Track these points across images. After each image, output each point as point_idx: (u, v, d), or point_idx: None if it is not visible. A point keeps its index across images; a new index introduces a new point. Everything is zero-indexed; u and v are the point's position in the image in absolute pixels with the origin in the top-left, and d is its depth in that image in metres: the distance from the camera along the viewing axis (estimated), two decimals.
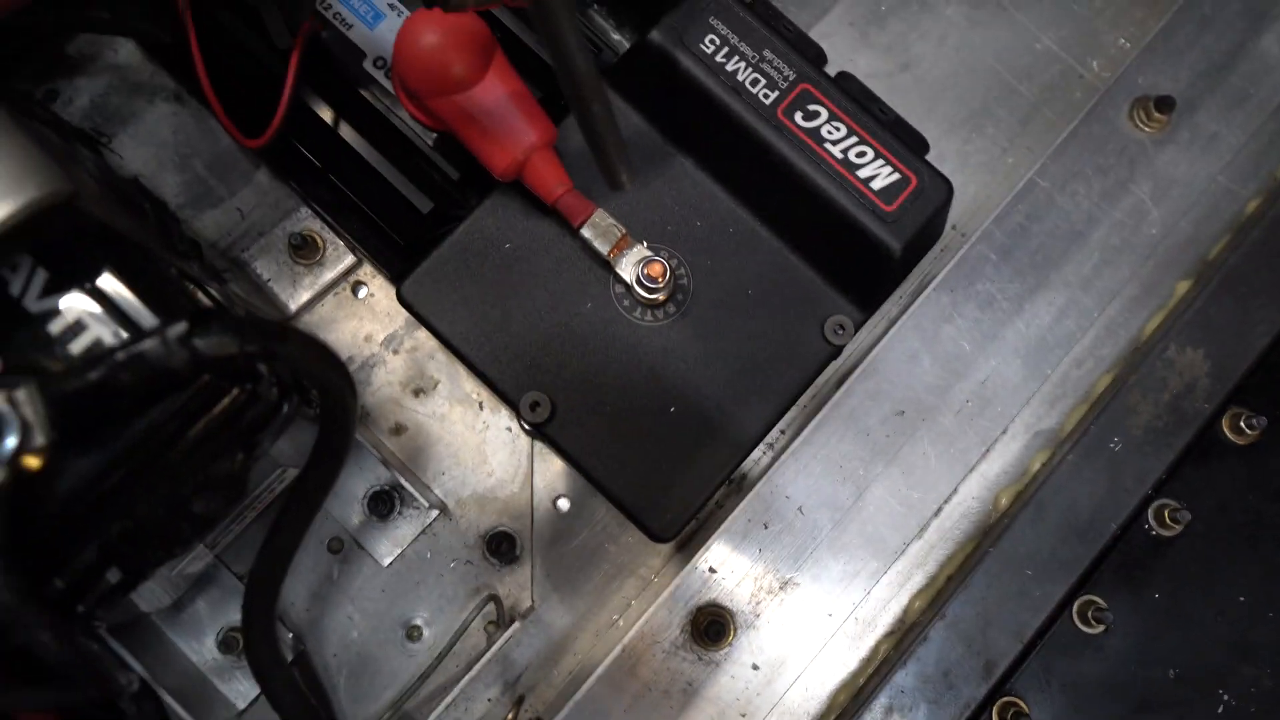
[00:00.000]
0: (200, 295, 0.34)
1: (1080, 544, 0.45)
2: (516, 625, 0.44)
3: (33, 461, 0.27)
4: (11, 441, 0.27)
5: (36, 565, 0.30)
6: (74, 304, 0.30)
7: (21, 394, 0.27)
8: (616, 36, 0.51)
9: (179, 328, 0.28)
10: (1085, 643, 0.45)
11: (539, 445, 0.49)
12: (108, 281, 0.31)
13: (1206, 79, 0.51)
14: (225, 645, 0.46)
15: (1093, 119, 0.50)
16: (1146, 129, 0.50)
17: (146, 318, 0.31)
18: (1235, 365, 0.47)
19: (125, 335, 0.30)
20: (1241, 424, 0.46)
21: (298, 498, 0.37)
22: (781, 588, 0.47)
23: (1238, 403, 0.47)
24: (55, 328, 0.30)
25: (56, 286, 0.31)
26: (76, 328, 0.30)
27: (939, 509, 0.48)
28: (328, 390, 0.33)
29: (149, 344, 0.27)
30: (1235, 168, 0.50)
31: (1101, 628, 0.45)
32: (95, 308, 0.30)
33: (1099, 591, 0.45)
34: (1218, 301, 0.48)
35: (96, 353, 0.29)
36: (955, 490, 0.48)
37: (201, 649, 0.46)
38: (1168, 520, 0.45)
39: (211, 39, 0.45)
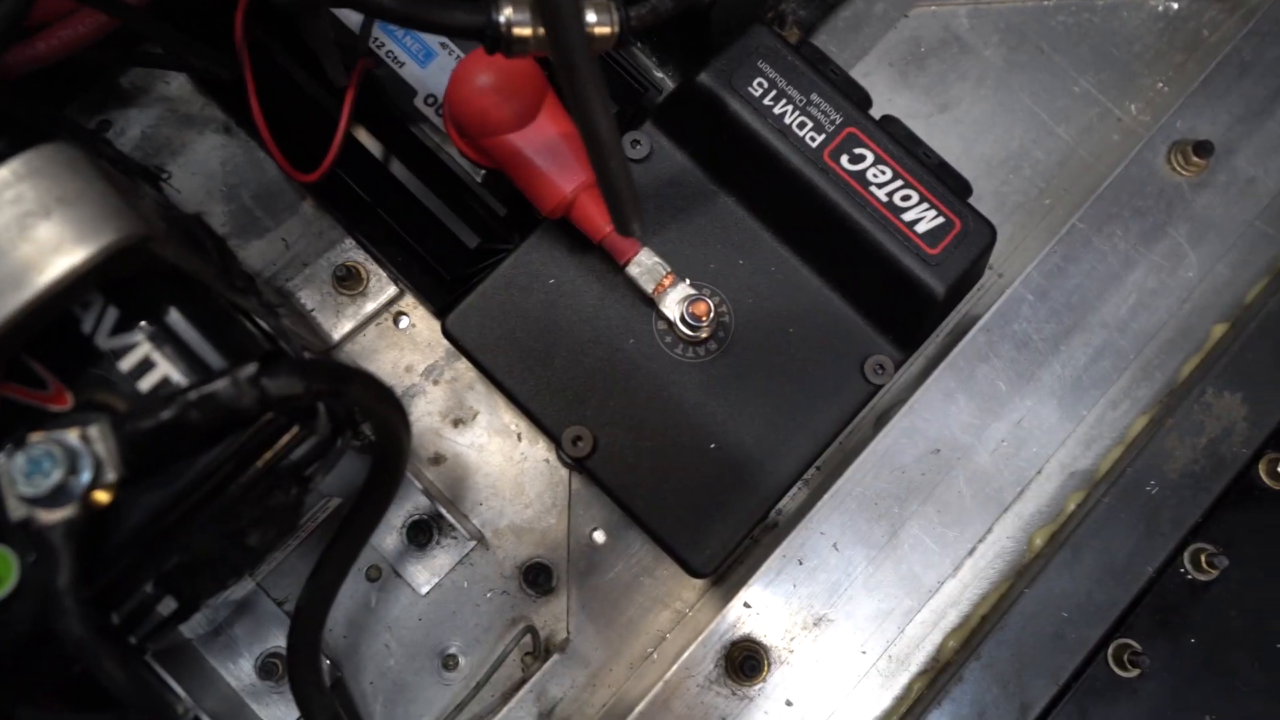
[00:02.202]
0: (258, 331, 0.35)
1: (1116, 587, 0.45)
2: (555, 658, 0.44)
3: (102, 497, 0.28)
4: (85, 477, 0.27)
5: (101, 598, 0.30)
6: (143, 341, 0.31)
7: (95, 431, 0.28)
8: (659, 74, 0.52)
9: (250, 369, 0.28)
10: (1120, 686, 0.45)
11: (576, 477, 0.50)
12: (175, 320, 0.32)
13: (1245, 124, 0.51)
14: (265, 671, 0.46)
15: (1130, 161, 0.50)
16: (1184, 173, 0.50)
17: (211, 356, 0.31)
18: (1273, 410, 0.47)
19: (191, 373, 0.31)
20: (1278, 469, 0.46)
21: (346, 531, 0.37)
22: (816, 624, 0.47)
23: (1275, 448, 0.47)
24: (125, 365, 0.31)
25: (126, 325, 0.31)
26: (145, 365, 0.31)
27: (973, 548, 0.48)
28: (385, 429, 0.33)
29: (220, 384, 0.28)
30: (1273, 212, 0.50)
31: (1137, 672, 0.45)
32: (164, 346, 0.31)
33: (1135, 635, 0.45)
34: (1255, 345, 0.48)
35: (167, 392, 0.30)
36: (990, 529, 0.48)
37: (239, 673, 0.46)
38: (1204, 565, 0.45)
39: (266, 76, 0.46)
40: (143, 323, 0.31)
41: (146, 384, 0.31)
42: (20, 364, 0.31)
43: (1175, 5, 0.53)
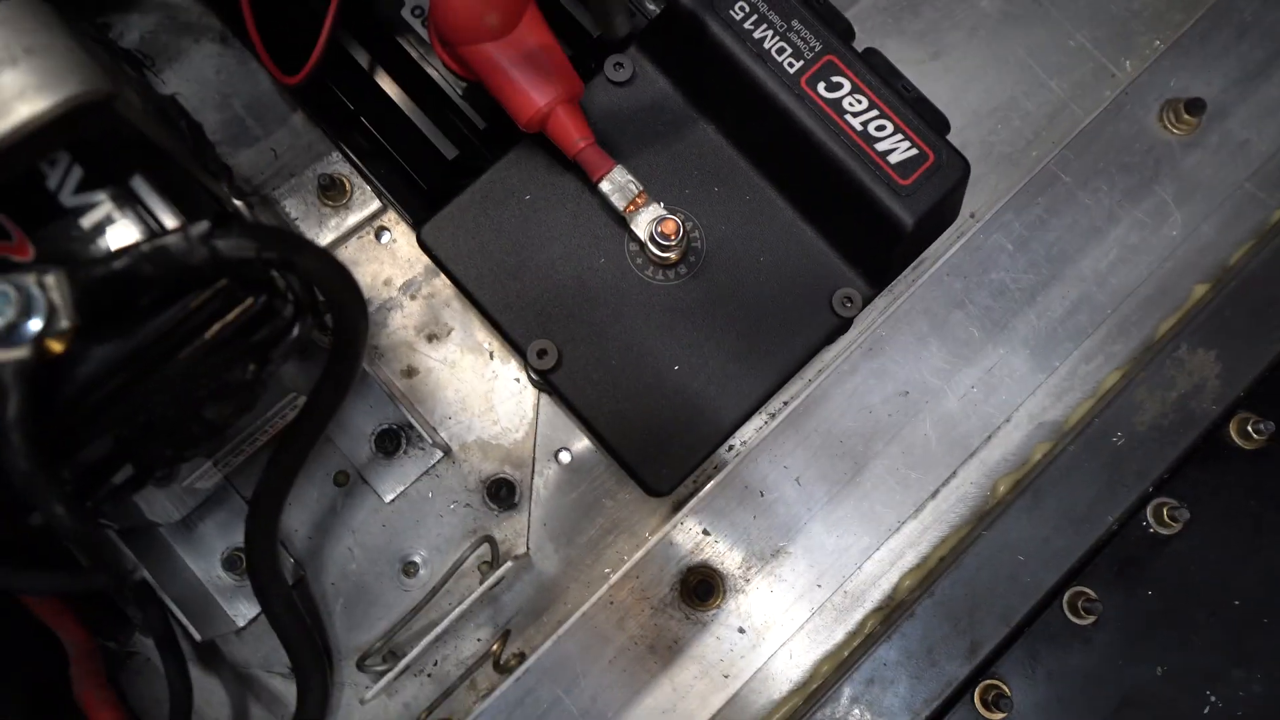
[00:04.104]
0: (222, 209, 0.35)
1: (1075, 535, 0.45)
2: (509, 565, 0.45)
3: (56, 345, 0.29)
4: (38, 323, 0.28)
5: (52, 446, 0.31)
6: (105, 201, 0.32)
7: (51, 279, 0.28)
8: (651, 6, 0.52)
9: (201, 226, 0.29)
10: (1074, 633, 0.45)
11: (544, 398, 0.50)
12: (138, 184, 0.32)
13: (1240, 86, 0.50)
14: (229, 564, 0.47)
15: (1120, 116, 0.50)
16: (1175, 130, 0.50)
17: (171, 221, 0.32)
18: (1247, 370, 0.47)
19: (150, 234, 0.32)
20: (1249, 429, 0.46)
21: (305, 416, 0.38)
22: (773, 555, 0.47)
23: (1247, 408, 0.47)
24: (87, 222, 0.32)
25: (90, 184, 0.32)
26: (106, 223, 0.32)
27: (936, 491, 0.48)
28: (340, 308, 0.34)
29: (172, 239, 0.29)
30: (1264, 175, 0.50)
31: (1091, 619, 0.44)
32: (126, 207, 0.32)
33: (1091, 584, 0.45)
34: (1234, 305, 0.47)
35: (122, 247, 0.31)
36: (954, 474, 0.48)
37: (207, 566, 0.47)
38: (1166, 519, 0.45)
39: None
40: (107, 184, 0.32)
41: (105, 242, 0.31)
42: None
43: None
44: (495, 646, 0.45)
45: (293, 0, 0.48)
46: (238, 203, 0.36)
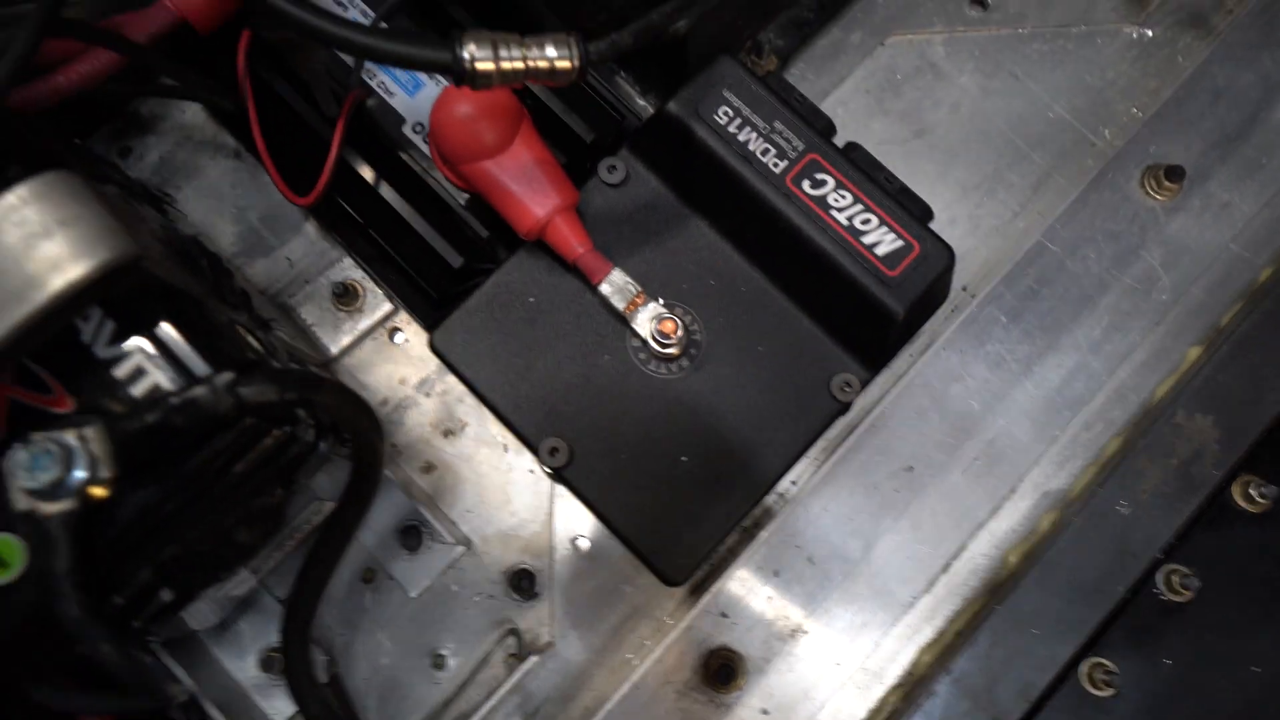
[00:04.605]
0: (249, 344, 0.37)
1: (1088, 606, 0.45)
2: (534, 659, 0.46)
3: (98, 492, 0.30)
4: (81, 474, 0.30)
5: (99, 585, 0.33)
6: (136, 351, 0.34)
7: (90, 431, 0.30)
8: (641, 103, 0.55)
9: (226, 377, 0.31)
10: (1094, 706, 0.45)
11: (561, 488, 0.52)
12: (166, 332, 0.34)
13: (1219, 149, 0.52)
14: (265, 664, 0.48)
15: (1103, 185, 0.51)
16: (1157, 197, 0.51)
17: (199, 365, 0.34)
18: (1246, 433, 0.47)
19: (179, 380, 0.34)
20: (1252, 492, 0.47)
21: (332, 530, 0.39)
22: (791, 635, 0.48)
23: (1249, 470, 0.47)
24: (120, 372, 0.34)
25: (121, 335, 0.34)
26: (138, 373, 0.34)
27: (947, 564, 0.49)
28: (358, 434, 0.36)
29: (199, 390, 0.31)
30: (1248, 236, 0.51)
31: (1110, 691, 0.45)
32: (155, 355, 0.34)
33: (1108, 654, 0.45)
34: (1229, 368, 0.48)
35: (154, 396, 0.33)
36: (964, 547, 0.49)
37: (244, 666, 0.49)
38: (1178, 586, 0.46)
39: (268, 106, 0.49)
40: (137, 334, 0.34)
41: (139, 390, 0.34)
42: (26, 370, 0.33)
43: (1149, 33, 0.54)
44: None
45: (299, 123, 0.50)
46: (252, 338, 0.38)
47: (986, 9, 0.55)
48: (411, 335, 0.54)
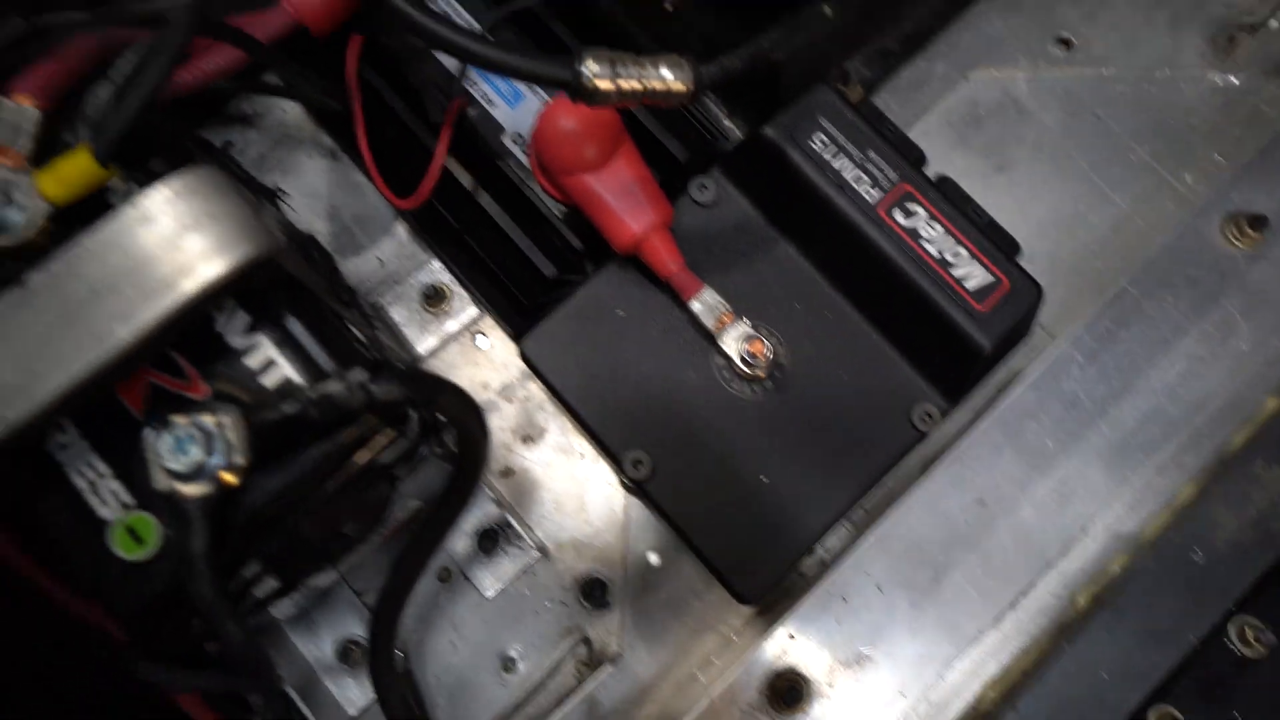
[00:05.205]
0: (361, 340, 0.39)
1: (1158, 653, 0.45)
2: (607, 668, 0.47)
3: (231, 478, 0.32)
4: (219, 459, 0.31)
5: (225, 568, 0.34)
6: (267, 342, 0.35)
7: (228, 418, 0.32)
8: (728, 123, 0.56)
9: (361, 374, 0.32)
10: None
11: (634, 500, 0.53)
12: (294, 326, 0.36)
13: None
14: (342, 654, 0.50)
15: (1184, 230, 0.52)
16: (1239, 244, 0.52)
17: (324, 360, 0.36)
18: None
19: (306, 373, 0.35)
20: None
21: (428, 528, 0.41)
22: (857, 661, 0.48)
23: None
24: (252, 362, 0.35)
25: (253, 327, 0.36)
26: (268, 364, 0.35)
27: (1015, 601, 0.49)
28: (467, 438, 0.37)
29: (336, 386, 0.32)
30: None
31: None
32: (284, 348, 0.35)
33: (1177, 704, 0.45)
34: None
35: (288, 389, 0.34)
36: (1033, 584, 0.49)
37: (318, 652, 0.50)
38: (1251, 640, 0.46)
39: (371, 109, 0.51)
40: (267, 326, 0.36)
41: (269, 380, 0.35)
42: (165, 355, 0.35)
43: (1235, 80, 0.55)
44: None
45: (401, 127, 0.52)
46: (361, 335, 0.40)
47: (1071, 49, 0.56)
48: (496, 340, 0.55)
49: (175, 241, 0.33)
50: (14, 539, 0.41)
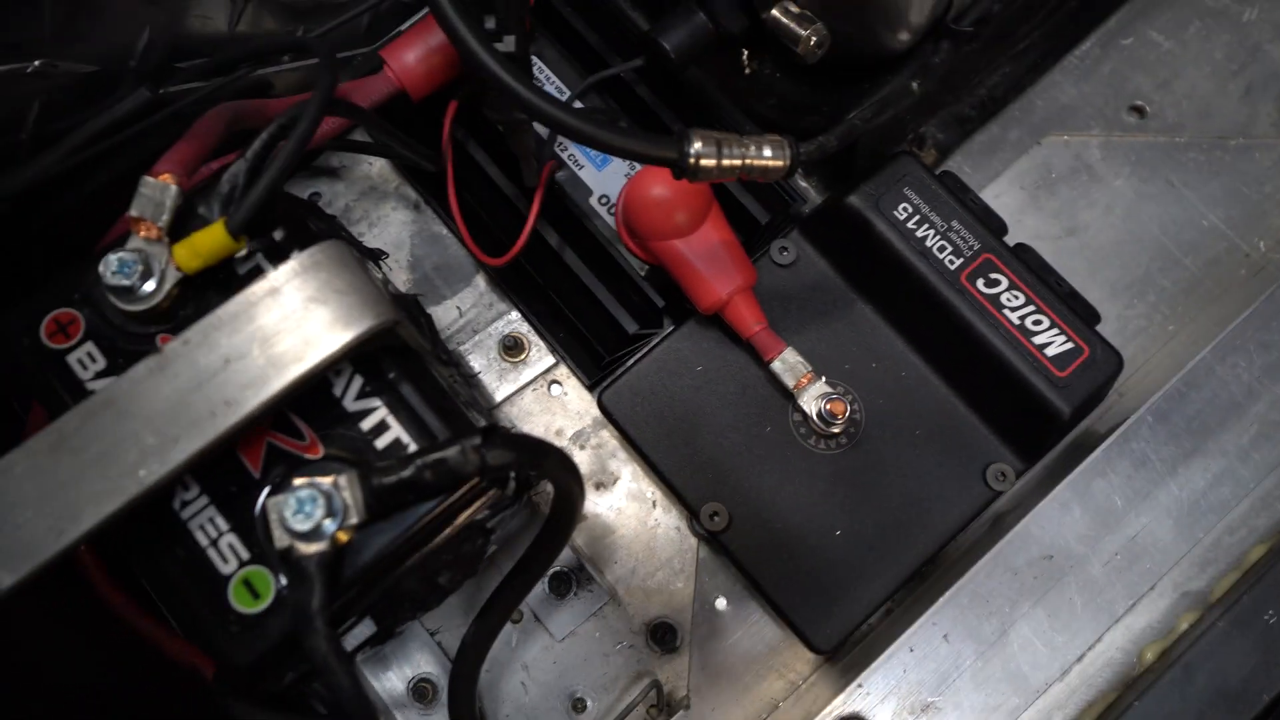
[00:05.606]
0: (464, 403, 0.41)
1: (1229, 713, 0.46)
2: (682, 716, 0.48)
3: (343, 536, 0.34)
4: (336, 519, 0.33)
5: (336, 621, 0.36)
6: (380, 406, 0.37)
7: (344, 480, 0.34)
8: (804, 184, 0.58)
9: (475, 440, 0.34)
10: None
11: (703, 546, 0.54)
12: (406, 390, 0.38)
13: None
14: (417, 693, 0.51)
15: (1257, 295, 0.52)
16: None
17: (435, 424, 0.37)
18: None
19: (418, 437, 0.37)
20: None
21: (517, 576, 0.42)
22: (923, 710, 0.49)
23: None
24: (366, 425, 0.37)
25: (367, 391, 0.38)
26: (381, 427, 0.37)
27: (1082, 655, 0.50)
28: (565, 496, 0.38)
29: (451, 452, 0.34)
30: None
31: None
32: (397, 412, 0.37)
33: None
34: None
35: (403, 454, 0.36)
36: (1099, 639, 0.50)
37: (389, 687, 0.52)
38: None
39: (461, 169, 0.54)
40: (380, 390, 0.38)
41: (381, 443, 0.37)
42: (284, 416, 0.37)
43: None
44: None
45: (488, 185, 0.54)
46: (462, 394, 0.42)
47: (1144, 117, 0.57)
48: (570, 389, 0.57)
49: (305, 312, 0.35)
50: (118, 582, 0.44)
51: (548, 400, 0.57)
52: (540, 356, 0.57)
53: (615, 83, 0.54)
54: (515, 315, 0.58)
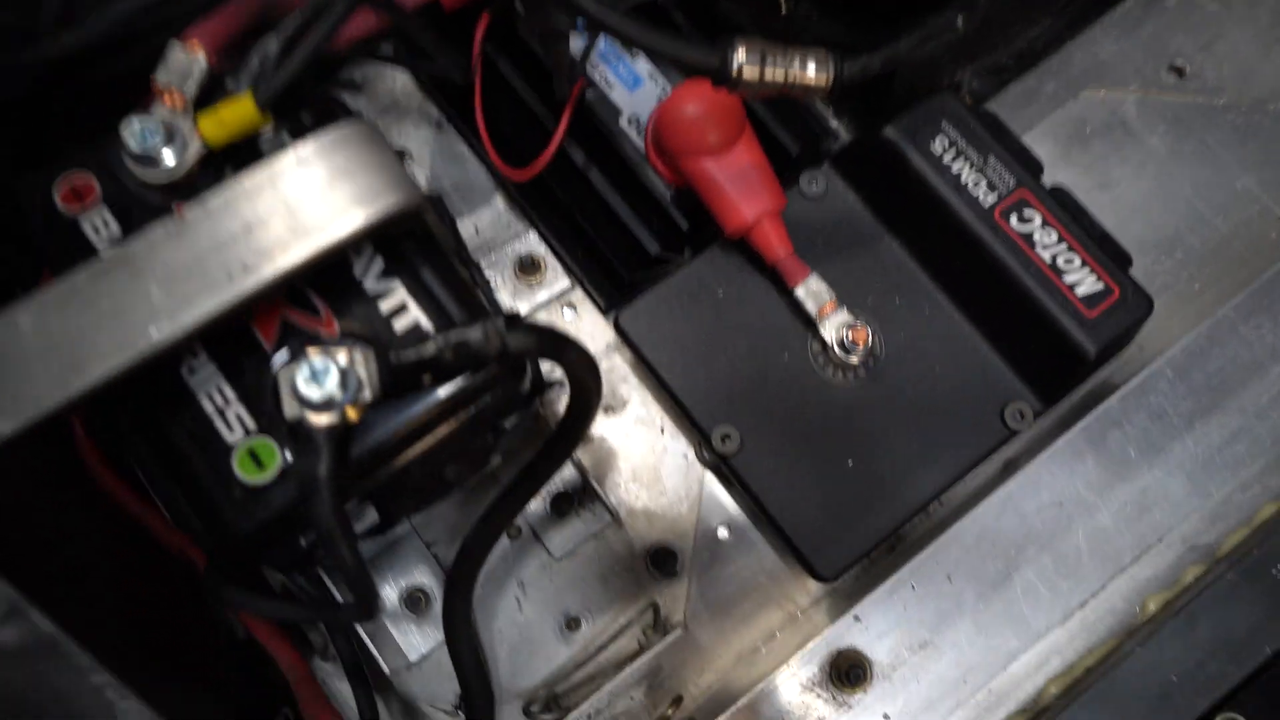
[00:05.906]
0: (482, 299, 0.40)
1: (1231, 661, 0.46)
2: (677, 633, 0.48)
3: (354, 413, 0.33)
4: (349, 392, 0.33)
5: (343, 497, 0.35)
6: (400, 289, 0.37)
7: (360, 355, 0.33)
8: (835, 123, 0.57)
9: (499, 322, 0.33)
10: None
11: (709, 474, 0.54)
12: (427, 276, 0.37)
13: None
14: (410, 602, 0.51)
15: None
16: None
17: (455, 310, 0.37)
18: None
19: (438, 321, 0.36)
20: None
21: (524, 481, 0.42)
22: (921, 647, 0.49)
23: None
24: (385, 306, 0.37)
25: (388, 273, 0.37)
26: (400, 309, 0.37)
27: (1085, 601, 0.49)
28: (582, 395, 0.38)
29: (474, 332, 0.33)
30: None
31: None
32: (417, 295, 0.37)
33: (1244, 711, 0.45)
34: None
35: (419, 334, 0.36)
36: (1104, 586, 0.49)
37: (385, 599, 0.51)
38: None
39: (489, 83, 0.53)
40: (402, 273, 0.37)
41: (400, 325, 0.36)
42: (299, 291, 0.36)
43: None
44: (670, 710, 0.48)
45: (516, 100, 0.54)
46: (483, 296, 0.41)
47: (1184, 77, 0.56)
48: (583, 312, 0.57)
49: (329, 186, 0.34)
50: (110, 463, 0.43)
51: (561, 323, 0.57)
52: (556, 278, 0.57)
53: (652, 9, 0.53)
54: (533, 236, 0.57)
